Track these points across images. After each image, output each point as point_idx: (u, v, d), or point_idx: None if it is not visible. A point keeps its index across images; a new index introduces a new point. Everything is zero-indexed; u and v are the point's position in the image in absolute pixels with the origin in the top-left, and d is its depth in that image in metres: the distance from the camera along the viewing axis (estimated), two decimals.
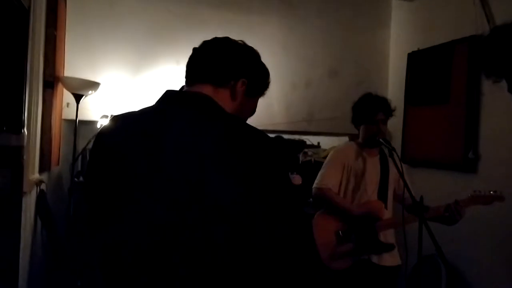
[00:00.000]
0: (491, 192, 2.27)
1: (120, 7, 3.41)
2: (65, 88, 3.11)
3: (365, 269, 2.32)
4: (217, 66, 1.11)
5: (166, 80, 3.36)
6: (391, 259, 2.36)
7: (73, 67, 3.27)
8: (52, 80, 2.87)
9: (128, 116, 1.09)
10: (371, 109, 2.39)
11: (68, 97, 3.19)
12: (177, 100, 1.09)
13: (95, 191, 1.07)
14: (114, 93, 3.36)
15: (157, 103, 1.10)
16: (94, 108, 3.32)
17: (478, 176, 2.84)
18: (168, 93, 1.10)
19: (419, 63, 3.48)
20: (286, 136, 3.99)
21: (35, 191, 2.59)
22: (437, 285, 2.84)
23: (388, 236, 2.39)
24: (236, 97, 1.12)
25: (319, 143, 4.24)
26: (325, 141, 4.26)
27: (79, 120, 3.13)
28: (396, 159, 2.24)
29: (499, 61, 1.33)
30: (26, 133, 2.26)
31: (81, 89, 3.03)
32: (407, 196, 2.13)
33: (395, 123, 3.19)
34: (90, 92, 3.09)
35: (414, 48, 3.51)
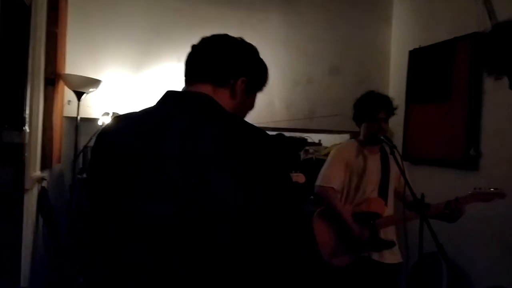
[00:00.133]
0: (491, 189, 2.26)
1: (121, 4, 3.40)
2: (66, 86, 3.12)
3: (366, 266, 2.32)
4: (217, 65, 1.11)
5: (167, 78, 3.36)
6: (391, 256, 2.36)
7: (74, 64, 3.27)
8: (53, 77, 2.88)
9: (130, 116, 1.09)
10: (373, 107, 2.39)
11: (69, 94, 3.20)
12: (177, 100, 1.09)
13: (96, 190, 1.07)
14: (115, 91, 3.36)
15: (158, 103, 1.09)
16: (95, 105, 3.32)
17: (479, 174, 2.84)
18: (169, 93, 1.10)
19: (420, 60, 3.47)
20: (287, 134, 3.98)
21: (36, 188, 2.60)
22: (438, 283, 2.84)
23: (389, 233, 2.39)
24: (236, 95, 1.12)
25: (320, 140, 4.24)
26: (326, 139, 4.25)
27: (80, 118, 3.13)
28: (397, 156, 2.24)
29: (500, 58, 1.33)
30: (27, 130, 2.27)
31: (82, 86, 3.04)
32: (408, 194, 2.13)
33: (396, 120, 3.18)
34: (91, 89, 3.10)
35: (416, 45, 3.50)
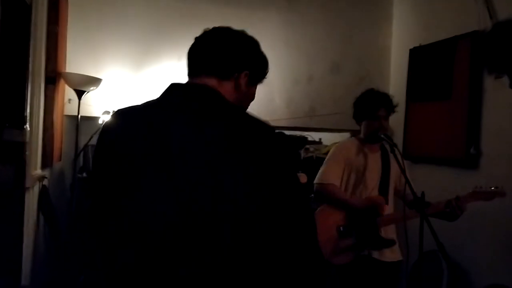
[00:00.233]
0: (492, 188, 2.26)
1: (122, 3, 3.40)
2: (67, 84, 3.12)
3: (366, 265, 2.32)
4: (221, 59, 1.12)
5: (167, 76, 3.36)
6: (392, 255, 2.37)
7: (75, 63, 3.27)
8: (54, 76, 2.88)
9: (132, 110, 1.08)
10: (373, 105, 2.39)
11: (70, 93, 3.20)
12: (183, 93, 1.09)
13: (98, 189, 1.06)
14: (116, 89, 3.37)
15: (162, 95, 1.09)
16: (96, 104, 3.33)
17: (479, 172, 2.84)
18: (174, 85, 1.10)
19: (421, 58, 3.47)
20: (288, 132, 3.98)
21: (37, 186, 2.61)
22: (438, 281, 2.84)
23: (389, 231, 2.39)
24: (240, 88, 1.14)
25: (320, 139, 4.23)
26: (327, 137, 4.25)
27: (81, 116, 3.14)
28: (398, 155, 2.24)
29: (501, 57, 1.33)
30: (28, 129, 2.27)
31: (83, 85, 3.04)
32: (408, 192, 2.13)
33: (397, 118, 3.18)
34: (92, 88, 3.10)
35: (416, 43, 3.50)
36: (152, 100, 1.09)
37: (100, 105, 3.30)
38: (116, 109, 1.10)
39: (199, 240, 0.94)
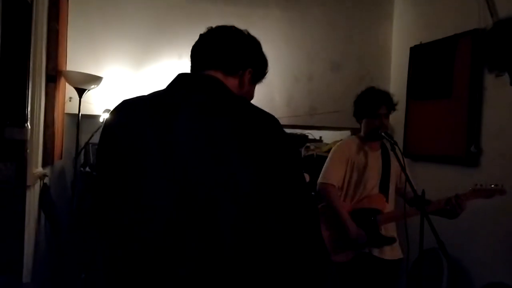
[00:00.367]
0: (492, 186, 2.27)
1: (122, 1, 3.41)
2: (67, 83, 3.12)
3: (367, 262, 2.33)
4: (228, 54, 1.14)
5: (168, 74, 3.34)
6: (392, 253, 2.37)
7: (76, 61, 3.28)
8: (54, 74, 2.88)
9: (138, 101, 1.07)
10: (373, 103, 2.39)
11: (70, 91, 3.20)
12: (190, 83, 1.09)
13: (102, 181, 1.05)
14: (117, 87, 3.37)
15: (169, 86, 1.09)
16: (97, 102, 3.33)
17: (480, 170, 2.84)
18: (181, 75, 1.10)
19: (421, 57, 3.47)
20: (288, 130, 3.98)
21: (38, 184, 2.61)
22: (438, 279, 2.85)
23: (390, 229, 2.40)
24: (243, 85, 1.16)
25: (321, 137, 4.24)
26: (327, 135, 4.25)
27: (81, 114, 3.14)
28: (398, 153, 2.24)
29: (501, 55, 1.33)
30: (29, 127, 2.28)
31: (83, 83, 3.04)
32: (408, 190, 2.14)
33: (397, 117, 3.18)
34: (92, 86, 3.10)
35: (417, 42, 3.50)
36: (159, 91, 1.09)
37: (101, 103, 3.31)
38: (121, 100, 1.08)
39: (201, 236, 0.93)
